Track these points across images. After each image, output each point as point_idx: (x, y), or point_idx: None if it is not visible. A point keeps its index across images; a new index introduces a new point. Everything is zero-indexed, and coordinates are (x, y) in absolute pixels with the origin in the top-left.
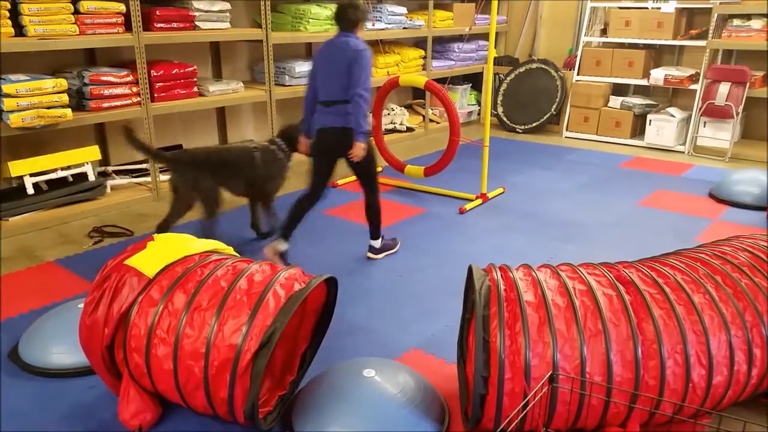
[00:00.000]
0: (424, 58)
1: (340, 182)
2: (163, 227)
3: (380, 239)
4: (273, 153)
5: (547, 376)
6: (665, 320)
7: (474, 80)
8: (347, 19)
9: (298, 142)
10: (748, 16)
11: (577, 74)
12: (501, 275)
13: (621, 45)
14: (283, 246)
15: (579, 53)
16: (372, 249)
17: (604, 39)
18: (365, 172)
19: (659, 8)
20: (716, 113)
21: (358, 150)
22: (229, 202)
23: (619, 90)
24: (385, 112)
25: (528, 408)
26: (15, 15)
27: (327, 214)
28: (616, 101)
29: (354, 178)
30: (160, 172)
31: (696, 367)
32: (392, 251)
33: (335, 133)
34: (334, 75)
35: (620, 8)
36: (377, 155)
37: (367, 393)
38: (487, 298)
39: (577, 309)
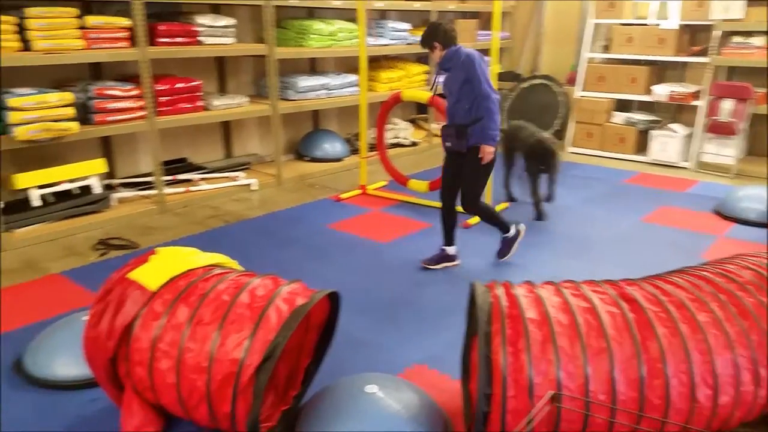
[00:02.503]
0: (428, 73)
1: (343, 196)
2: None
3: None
4: None
5: (549, 395)
6: (669, 339)
7: None
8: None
9: None
10: (749, 33)
11: (581, 90)
12: (503, 292)
13: (623, 61)
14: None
15: (582, 69)
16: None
17: (606, 55)
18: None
19: (658, 25)
20: (720, 129)
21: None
22: None
23: (622, 106)
24: (389, 126)
25: (531, 426)
26: (21, 29)
27: (330, 228)
28: (619, 117)
29: (359, 191)
30: (167, 184)
31: (701, 387)
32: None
33: None
34: None
35: (622, 24)
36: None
37: (370, 409)
38: (489, 314)
39: (581, 327)
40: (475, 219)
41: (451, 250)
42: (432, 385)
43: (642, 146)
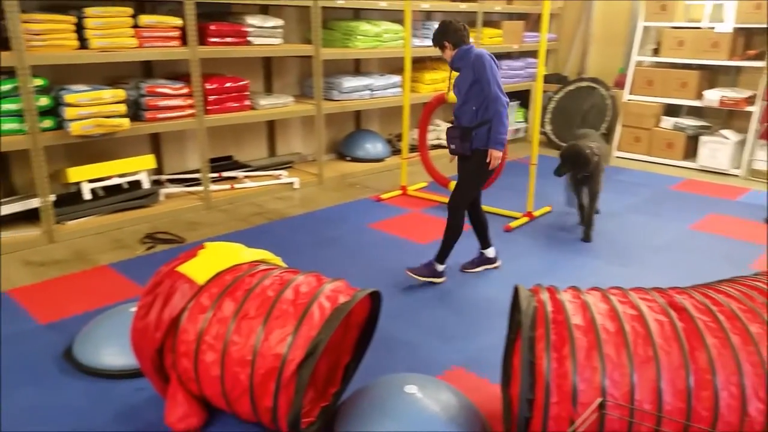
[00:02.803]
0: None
1: (384, 196)
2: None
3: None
4: None
5: (597, 402)
6: (719, 350)
7: (522, 97)
8: None
9: None
10: None
11: (629, 94)
12: (548, 296)
13: (673, 65)
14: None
15: (630, 72)
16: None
17: (656, 59)
18: None
19: (713, 28)
20: None
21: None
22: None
23: (671, 110)
24: (430, 127)
25: None
26: (80, 28)
27: (370, 228)
28: (668, 122)
29: (399, 192)
30: (212, 181)
31: (753, 401)
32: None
33: None
34: None
35: (673, 28)
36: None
37: (409, 409)
38: (533, 319)
39: (628, 334)
40: (517, 222)
41: (489, 252)
42: (470, 389)
43: (690, 152)
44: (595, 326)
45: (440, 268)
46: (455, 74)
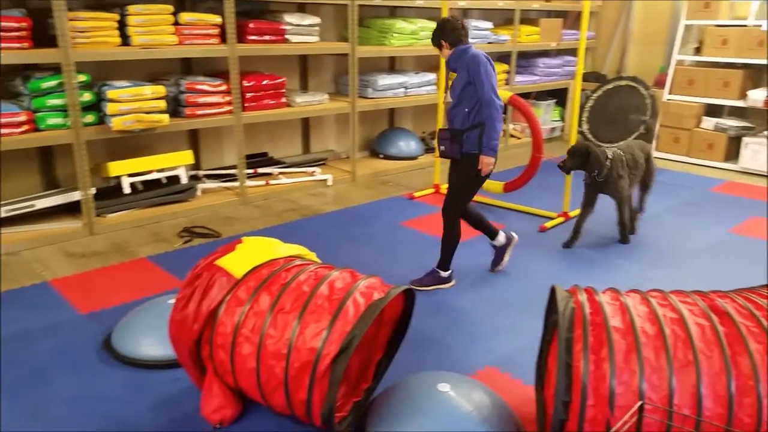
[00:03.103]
0: (508, 72)
1: (417, 194)
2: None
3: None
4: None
5: (638, 405)
6: (763, 355)
7: (558, 96)
8: None
9: None
10: None
11: (669, 93)
12: (586, 298)
13: (716, 64)
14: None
15: (671, 71)
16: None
17: (698, 57)
18: None
19: (760, 26)
20: None
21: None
22: None
23: (712, 111)
24: None
25: None
26: (122, 26)
27: (402, 226)
28: (709, 122)
29: (432, 190)
30: (248, 177)
31: None
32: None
33: None
34: None
35: (717, 26)
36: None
37: (442, 408)
38: (571, 320)
39: (668, 338)
40: (552, 222)
41: (499, 239)
42: (503, 389)
43: (732, 154)
44: (635, 329)
45: (445, 274)
46: (453, 75)
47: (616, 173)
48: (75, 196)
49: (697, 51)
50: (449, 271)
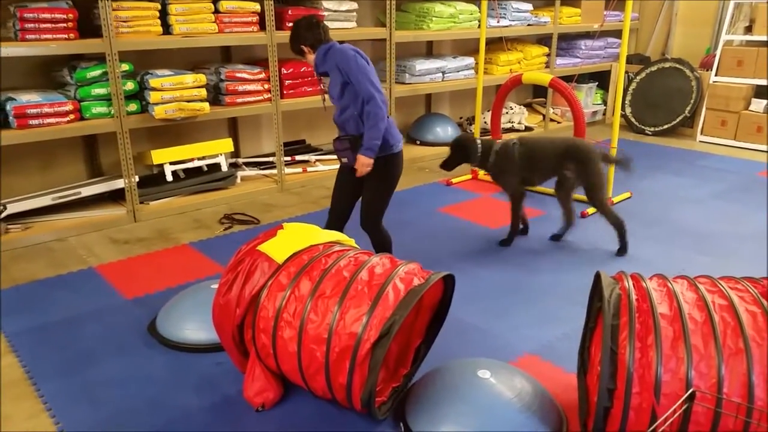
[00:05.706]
0: (548, 55)
1: (454, 180)
2: None
3: None
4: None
5: (688, 393)
6: None
7: (600, 78)
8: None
9: None
10: None
11: (715, 75)
12: (632, 284)
13: None
14: None
15: (718, 52)
16: None
17: (748, 37)
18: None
19: None
20: None
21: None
22: None
23: (762, 92)
24: (503, 110)
25: (663, 426)
26: (163, 15)
27: (440, 212)
28: (758, 104)
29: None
30: (286, 165)
31: None
32: None
33: None
34: None
35: None
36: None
37: (482, 394)
38: (616, 307)
39: (717, 325)
40: (593, 209)
41: None
42: (545, 377)
43: None
44: (682, 316)
45: None
46: (327, 79)
47: (499, 168)
48: (119, 183)
49: (748, 30)
50: None
